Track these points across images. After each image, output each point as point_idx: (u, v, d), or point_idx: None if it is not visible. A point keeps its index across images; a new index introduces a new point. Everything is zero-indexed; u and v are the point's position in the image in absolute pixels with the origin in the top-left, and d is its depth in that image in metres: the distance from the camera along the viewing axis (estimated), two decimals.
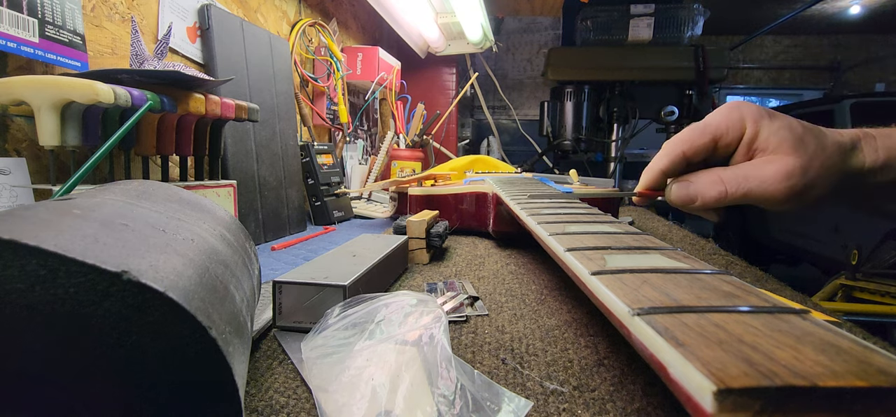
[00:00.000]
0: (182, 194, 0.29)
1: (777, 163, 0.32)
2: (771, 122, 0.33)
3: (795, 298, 0.46)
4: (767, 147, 0.33)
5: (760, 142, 0.33)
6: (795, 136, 0.32)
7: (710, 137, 0.34)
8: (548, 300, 0.42)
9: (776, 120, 0.33)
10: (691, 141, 0.35)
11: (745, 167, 0.33)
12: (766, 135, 0.33)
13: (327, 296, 0.33)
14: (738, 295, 0.20)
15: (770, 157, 0.32)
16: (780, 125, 0.33)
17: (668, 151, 0.36)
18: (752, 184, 0.32)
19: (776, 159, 0.32)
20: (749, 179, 0.32)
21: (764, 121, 0.33)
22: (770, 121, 0.33)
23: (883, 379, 0.13)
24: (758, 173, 0.32)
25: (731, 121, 0.34)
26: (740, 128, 0.34)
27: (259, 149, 0.77)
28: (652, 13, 1.99)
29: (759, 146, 0.33)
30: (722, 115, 0.34)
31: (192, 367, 0.17)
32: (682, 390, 0.14)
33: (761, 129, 0.33)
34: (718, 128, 0.34)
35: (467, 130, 2.29)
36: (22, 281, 0.16)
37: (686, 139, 0.35)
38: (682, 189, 0.35)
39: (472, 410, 0.23)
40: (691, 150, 0.35)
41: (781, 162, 0.32)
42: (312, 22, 1.09)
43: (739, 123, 0.34)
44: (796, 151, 0.32)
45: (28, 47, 0.47)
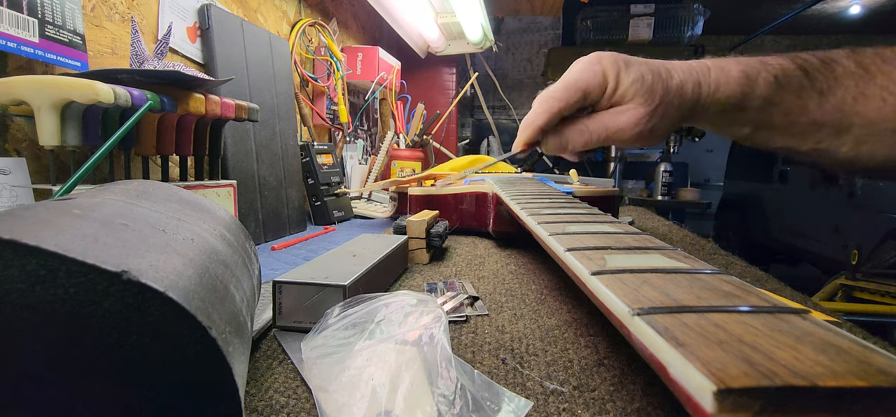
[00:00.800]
0: (182, 194, 0.29)
1: (628, 113, 0.38)
2: (627, 74, 0.38)
3: (795, 298, 0.46)
4: (624, 97, 0.38)
5: (618, 95, 0.38)
6: (646, 87, 0.37)
7: (580, 94, 0.39)
8: (548, 300, 0.42)
9: (631, 70, 0.38)
10: (566, 100, 0.40)
11: (604, 116, 0.39)
12: (624, 89, 0.38)
13: (327, 296, 0.33)
14: (738, 295, 0.20)
15: (624, 107, 0.38)
16: (634, 77, 0.38)
17: (547, 110, 0.41)
18: (610, 131, 0.39)
19: (628, 108, 0.38)
20: (608, 127, 0.39)
21: (621, 73, 0.38)
22: (626, 72, 0.38)
23: (883, 379, 0.13)
24: (613, 122, 0.38)
25: (595, 78, 0.39)
26: (603, 83, 0.39)
27: (259, 149, 0.77)
28: (652, 13, 1.99)
29: (617, 98, 0.38)
30: (588, 72, 0.39)
31: (192, 367, 0.17)
32: (682, 390, 0.14)
33: (620, 82, 0.38)
34: (587, 85, 0.39)
35: (467, 130, 2.30)
36: (22, 280, 0.16)
37: (561, 98, 0.40)
38: (556, 140, 0.42)
39: (472, 410, 0.23)
40: (567, 107, 0.40)
41: (632, 112, 0.38)
42: (312, 22, 1.09)
43: (602, 78, 0.39)
44: (646, 101, 0.37)
45: (28, 47, 0.47)
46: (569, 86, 0.40)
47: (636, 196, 2.42)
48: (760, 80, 0.37)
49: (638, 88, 0.37)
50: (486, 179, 0.74)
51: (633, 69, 0.38)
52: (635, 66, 0.38)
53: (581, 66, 0.39)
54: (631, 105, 0.38)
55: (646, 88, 0.37)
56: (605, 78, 0.38)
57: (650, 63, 0.39)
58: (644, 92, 0.37)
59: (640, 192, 2.58)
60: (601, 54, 0.39)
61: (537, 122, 0.41)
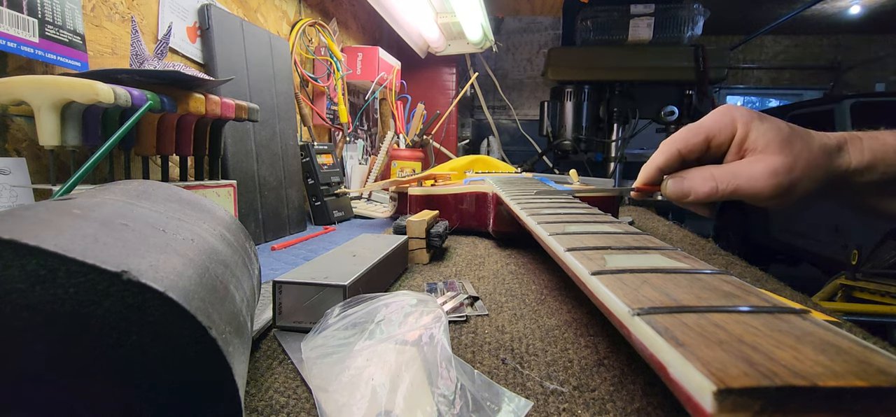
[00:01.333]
0: (182, 194, 0.29)
1: (764, 162, 0.34)
2: (760, 124, 0.35)
3: (795, 298, 0.46)
4: (756, 147, 0.35)
5: (750, 143, 0.35)
6: (782, 137, 0.34)
7: (703, 137, 0.37)
8: (548, 300, 0.42)
9: (765, 122, 0.35)
10: (686, 140, 0.37)
11: (734, 165, 0.35)
12: (756, 136, 0.35)
13: (327, 296, 0.33)
14: (738, 295, 0.20)
15: (758, 156, 0.34)
16: (768, 127, 0.35)
17: (665, 149, 0.38)
18: (741, 180, 0.35)
19: (764, 158, 0.34)
20: (738, 176, 0.35)
21: (754, 122, 0.35)
22: (760, 122, 0.35)
23: (883, 379, 0.13)
24: (746, 171, 0.34)
25: (723, 123, 0.36)
26: (732, 129, 0.36)
27: (259, 149, 0.77)
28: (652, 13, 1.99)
29: (749, 146, 0.35)
30: (715, 117, 0.37)
31: (192, 367, 0.17)
32: (682, 390, 0.14)
33: (751, 130, 0.35)
34: (711, 129, 0.37)
35: (467, 130, 2.29)
36: (22, 280, 0.16)
37: (682, 138, 0.38)
38: (676, 184, 0.38)
39: (472, 410, 0.23)
40: (686, 149, 0.38)
41: (769, 160, 0.34)
42: (312, 22, 1.09)
43: (731, 125, 0.36)
44: (783, 151, 0.34)
45: (28, 47, 0.47)
46: (691, 127, 0.38)
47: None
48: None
49: (772, 138, 0.34)
50: (486, 179, 0.74)
51: (769, 121, 0.35)
52: (770, 119, 0.35)
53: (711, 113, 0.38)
54: (765, 155, 0.34)
55: (782, 139, 0.34)
56: (733, 123, 0.36)
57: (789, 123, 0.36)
58: (780, 142, 0.34)
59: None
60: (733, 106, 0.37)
61: (655, 162, 0.39)
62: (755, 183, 0.34)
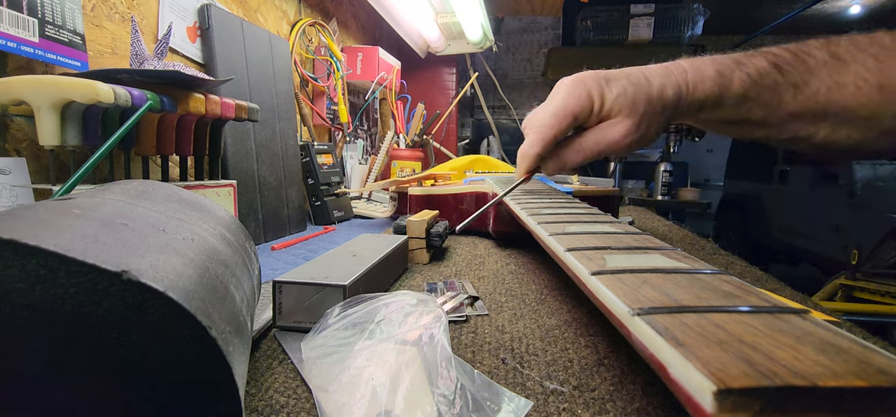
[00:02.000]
0: (182, 194, 0.29)
1: (617, 126, 0.40)
2: (610, 90, 0.40)
3: (795, 298, 0.46)
4: (610, 112, 0.40)
5: (605, 111, 0.40)
6: (629, 99, 0.39)
7: (571, 118, 0.41)
8: (548, 300, 0.42)
9: (613, 85, 0.40)
10: (558, 126, 0.41)
11: (596, 133, 0.41)
12: (609, 105, 0.40)
13: (327, 296, 0.33)
14: (738, 295, 0.20)
15: (613, 121, 0.40)
16: (617, 91, 0.40)
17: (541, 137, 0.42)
18: (603, 145, 0.41)
19: (617, 122, 0.40)
20: (600, 143, 0.41)
21: (604, 92, 0.40)
22: (609, 88, 0.40)
23: (883, 379, 0.13)
24: (605, 136, 0.40)
25: (581, 100, 0.41)
26: (589, 103, 0.41)
27: (259, 148, 0.77)
28: (652, 13, 1.99)
29: (604, 114, 0.41)
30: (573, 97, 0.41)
31: (192, 367, 0.17)
32: (682, 390, 0.14)
33: (605, 100, 0.40)
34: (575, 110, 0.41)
35: (467, 130, 2.29)
36: (22, 280, 0.16)
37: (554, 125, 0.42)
38: (554, 163, 0.43)
39: (472, 410, 0.23)
40: (560, 133, 0.42)
41: (621, 124, 0.40)
42: (312, 22, 1.09)
43: (588, 99, 0.41)
44: (632, 113, 0.39)
45: (28, 47, 0.47)
46: (558, 112, 0.41)
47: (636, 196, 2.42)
48: (735, 79, 0.39)
49: (622, 102, 0.40)
50: (486, 179, 0.74)
51: (615, 85, 0.40)
52: (616, 81, 0.40)
53: (566, 90, 0.41)
54: (618, 118, 0.40)
55: (629, 101, 0.39)
56: (590, 98, 0.40)
57: (630, 74, 0.41)
58: (628, 104, 0.39)
59: (640, 192, 2.58)
60: (583, 75, 0.41)
61: (534, 151, 0.43)
62: (614, 145, 0.40)
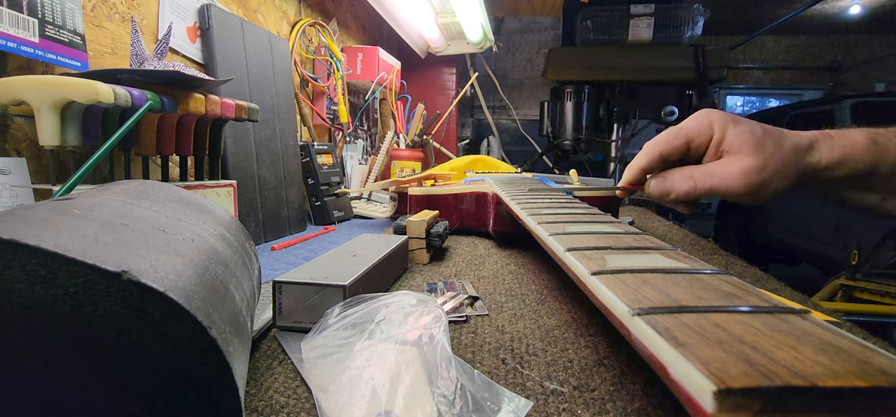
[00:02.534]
0: (182, 194, 0.29)
1: (738, 163, 0.37)
2: (735, 127, 0.38)
3: (795, 298, 0.46)
4: (732, 148, 0.37)
5: (726, 145, 0.38)
6: (755, 139, 0.37)
7: (683, 140, 0.40)
8: (548, 300, 0.42)
9: (740, 125, 0.38)
10: (668, 143, 0.40)
11: (711, 165, 0.38)
12: (731, 139, 0.37)
13: (327, 296, 0.33)
14: (738, 295, 0.20)
15: (733, 157, 0.37)
16: (742, 129, 0.37)
17: (648, 152, 0.41)
18: (716, 180, 0.37)
19: (738, 159, 0.37)
20: (714, 176, 0.38)
21: (729, 126, 0.38)
22: (734, 125, 0.38)
23: (883, 379, 0.13)
24: (721, 171, 0.37)
25: (701, 127, 0.39)
26: (709, 132, 0.39)
27: (259, 149, 0.77)
28: (652, 13, 1.99)
29: (725, 148, 0.38)
30: (694, 121, 0.40)
31: (192, 367, 0.17)
32: (682, 390, 0.14)
33: (727, 133, 0.38)
34: (690, 132, 0.39)
35: (467, 130, 2.30)
36: (22, 280, 0.16)
37: (664, 141, 0.40)
38: (658, 184, 0.41)
39: (472, 410, 0.23)
40: (668, 151, 0.40)
41: (742, 161, 0.37)
42: (312, 22, 1.09)
43: (708, 128, 0.39)
44: (755, 152, 0.36)
45: (28, 47, 0.47)
46: (672, 130, 0.40)
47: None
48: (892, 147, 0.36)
49: (746, 140, 0.37)
50: (486, 179, 0.74)
51: (743, 124, 0.38)
52: (745, 122, 0.38)
53: (690, 117, 0.40)
54: (739, 156, 0.37)
55: (755, 140, 0.37)
56: (710, 127, 0.39)
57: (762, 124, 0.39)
58: (754, 143, 0.37)
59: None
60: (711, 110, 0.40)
61: (638, 163, 0.42)
62: (729, 181, 0.37)
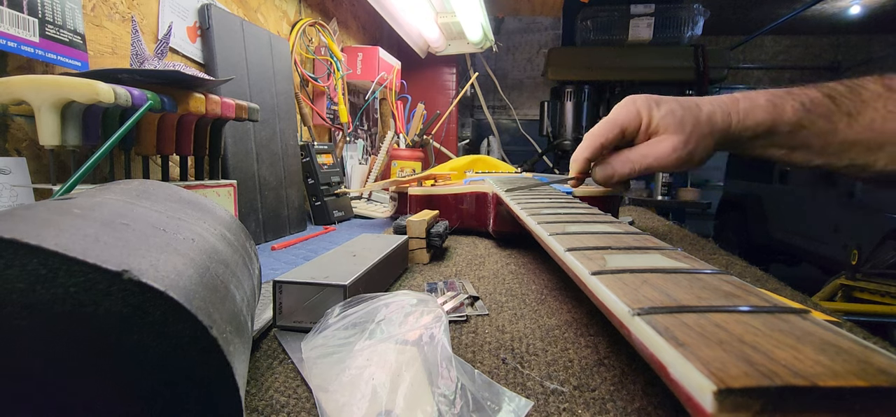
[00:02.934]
0: (182, 194, 0.29)
1: (665, 142, 0.42)
2: (658, 110, 0.43)
3: (795, 298, 0.46)
4: (658, 129, 0.43)
5: (653, 128, 0.43)
6: (677, 119, 0.42)
7: (618, 129, 0.45)
8: (548, 300, 0.42)
9: (662, 106, 0.43)
10: (605, 134, 0.45)
11: (643, 147, 0.44)
12: (657, 122, 0.43)
13: (327, 296, 0.33)
14: (738, 295, 0.20)
15: (660, 137, 0.43)
16: (665, 111, 0.42)
17: (590, 143, 0.46)
18: (650, 159, 0.43)
19: (664, 138, 0.42)
20: (647, 156, 0.43)
21: (653, 110, 0.43)
22: (657, 108, 0.43)
23: (883, 379, 0.13)
24: (652, 151, 0.43)
25: (630, 115, 0.44)
26: (638, 119, 0.44)
27: (259, 148, 0.77)
28: (652, 13, 1.99)
29: (652, 130, 0.43)
30: (624, 111, 0.44)
31: (192, 367, 0.17)
32: (682, 390, 0.15)
33: (653, 118, 0.43)
34: (623, 122, 0.44)
35: (467, 130, 2.30)
36: (23, 280, 0.16)
37: (602, 132, 0.45)
38: (603, 169, 0.46)
39: (472, 410, 0.23)
40: (607, 141, 0.45)
41: (668, 140, 0.42)
42: (312, 22, 1.09)
43: (637, 116, 0.44)
44: (678, 130, 0.42)
45: (28, 47, 0.47)
46: (606, 122, 0.45)
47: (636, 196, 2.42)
48: (787, 107, 0.40)
49: (669, 121, 0.42)
50: (486, 179, 0.74)
51: (664, 105, 0.43)
52: (666, 103, 0.43)
53: (618, 106, 0.45)
54: (665, 135, 0.42)
55: (677, 120, 0.42)
56: (638, 114, 0.43)
57: (680, 99, 0.43)
58: (676, 123, 0.42)
59: (640, 192, 2.57)
60: (635, 96, 0.45)
61: (583, 154, 0.47)
62: (661, 159, 0.42)
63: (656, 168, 0.43)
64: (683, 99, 0.43)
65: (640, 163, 0.43)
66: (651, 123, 0.43)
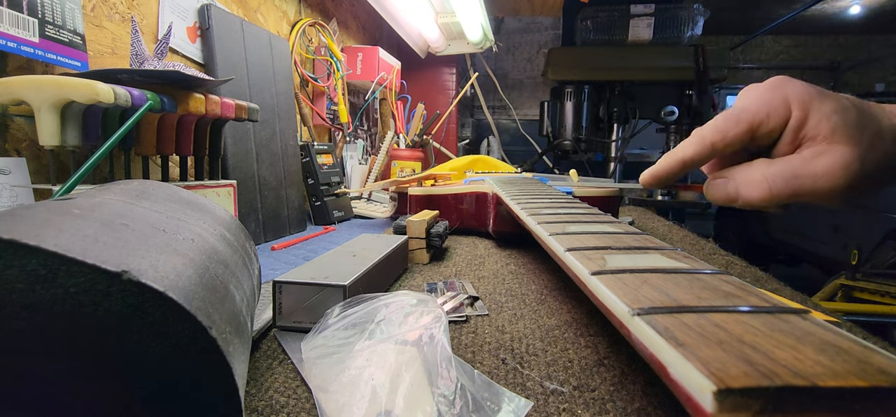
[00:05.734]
0: (182, 194, 0.29)
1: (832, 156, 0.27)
2: (821, 104, 0.28)
3: (795, 298, 0.46)
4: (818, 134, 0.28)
5: (809, 129, 0.28)
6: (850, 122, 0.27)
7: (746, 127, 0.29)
8: (548, 300, 0.42)
9: (827, 101, 0.28)
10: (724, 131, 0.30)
11: (793, 162, 0.28)
12: (817, 121, 0.28)
13: (327, 296, 0.33)
14: (738, 295, 0.20)
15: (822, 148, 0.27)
16: (832, 108, 0.28)
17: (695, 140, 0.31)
18: (804, 182, 0.28)
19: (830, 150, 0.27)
20: (799, 177, 0.28)
21: (813, 103, 0.28)
22: (820, 102, 0.28)
23: (883, 379, 0.13)
24: (809, 170, 0.27)
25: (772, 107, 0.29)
26: (785, 113, 0.29)
27: (259, 149, 0.77)
28: (652, 13, 1.99)
29: (809, 133, 0.28)
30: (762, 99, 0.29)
31: (192, 367, 0.17)
32: (682, 390, 0.14)
33: (811, 114, 0.28)
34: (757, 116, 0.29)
35: (467, 130, 2.30)
36: (22, 280, 0.16)
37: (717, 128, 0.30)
38: (719, 188, 0.31)
39: (472, 410, 0.23)
40: (722, 142, 0.30)
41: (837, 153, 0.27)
42: (312, 22, 1.09)
43: (783, 108, 0.29)
44: (852, 139, 0.27)
45: (28, 47, 0.47)
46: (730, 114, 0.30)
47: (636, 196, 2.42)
48: None
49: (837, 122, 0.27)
50: (486, 179, 0.74)
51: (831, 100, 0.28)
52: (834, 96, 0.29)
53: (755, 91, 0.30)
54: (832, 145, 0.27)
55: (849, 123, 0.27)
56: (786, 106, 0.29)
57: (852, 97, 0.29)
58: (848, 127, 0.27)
59: (640, 192, 2.57)
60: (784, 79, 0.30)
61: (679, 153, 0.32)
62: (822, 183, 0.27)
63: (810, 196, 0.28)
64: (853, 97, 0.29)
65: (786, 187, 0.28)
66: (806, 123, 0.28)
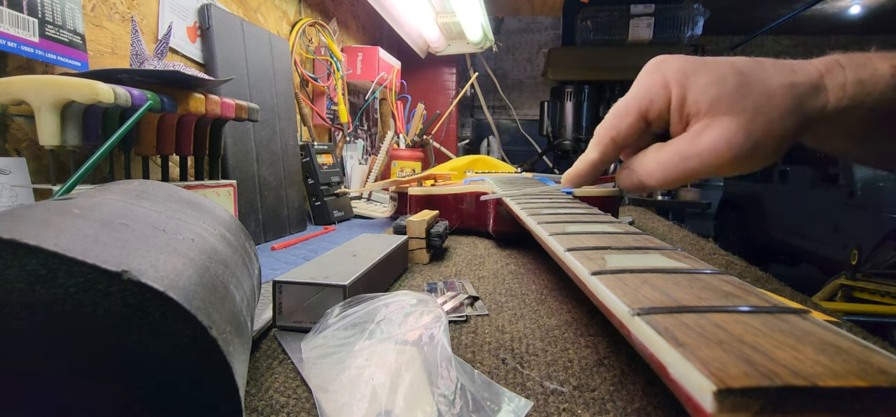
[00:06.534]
0: (182, 194, 0.29)
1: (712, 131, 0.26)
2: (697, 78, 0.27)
3: (795, 298, 0.46)
4: (699, 110, 0.27)
5: (690, 106, 0.27)
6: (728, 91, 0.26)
7: (635, 116, 0.29)
8: (548, 300, 0.42)
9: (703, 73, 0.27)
10: (616, 126, 0.30)
11: (680, 144, 0.28)
12: (695, 96, 0.27)
13: (327, 296, 0.33)
14: (738, 295, 0.20)
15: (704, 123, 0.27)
16: (708, 80, 0.27)
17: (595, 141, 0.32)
18: (691, 162, 0.27)
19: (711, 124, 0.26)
20: (687, 158, 0.27)
21: (690, 79, 0.27)
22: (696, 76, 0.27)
23: (883, 379, 0.13)
24: (694, 149, 0.27)
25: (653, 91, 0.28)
26: (665, 94, 0.28)
27: (259, 148, 0.77)
28: (652, 13, 1.99)
29: (691, 110, 0.27)
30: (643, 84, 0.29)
31: (192, 367, 0.17)
32: (682, 390, 0.15)
33: (689, 90, 0.27)
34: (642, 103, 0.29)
35: (467, 130, 2.30)
36: (22, 280, 0.16)
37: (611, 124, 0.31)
38: (625, 178, 0.32)
39: (472, 410, 0.23)
40: (620, 136, 0.31)
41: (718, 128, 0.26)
42: (312, 22, 1.09)
43: (663, 89, 0.28)
44: (732, 109, 0.26)
45: (28, 47, 0.47)
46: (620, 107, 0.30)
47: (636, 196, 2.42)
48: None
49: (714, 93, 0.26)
50: (486, 179, 0.74)
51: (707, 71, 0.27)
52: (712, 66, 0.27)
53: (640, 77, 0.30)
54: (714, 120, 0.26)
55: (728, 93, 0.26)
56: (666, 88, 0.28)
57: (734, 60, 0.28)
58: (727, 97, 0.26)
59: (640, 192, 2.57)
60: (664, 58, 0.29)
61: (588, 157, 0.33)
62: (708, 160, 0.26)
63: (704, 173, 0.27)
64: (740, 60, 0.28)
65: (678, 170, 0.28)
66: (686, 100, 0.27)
